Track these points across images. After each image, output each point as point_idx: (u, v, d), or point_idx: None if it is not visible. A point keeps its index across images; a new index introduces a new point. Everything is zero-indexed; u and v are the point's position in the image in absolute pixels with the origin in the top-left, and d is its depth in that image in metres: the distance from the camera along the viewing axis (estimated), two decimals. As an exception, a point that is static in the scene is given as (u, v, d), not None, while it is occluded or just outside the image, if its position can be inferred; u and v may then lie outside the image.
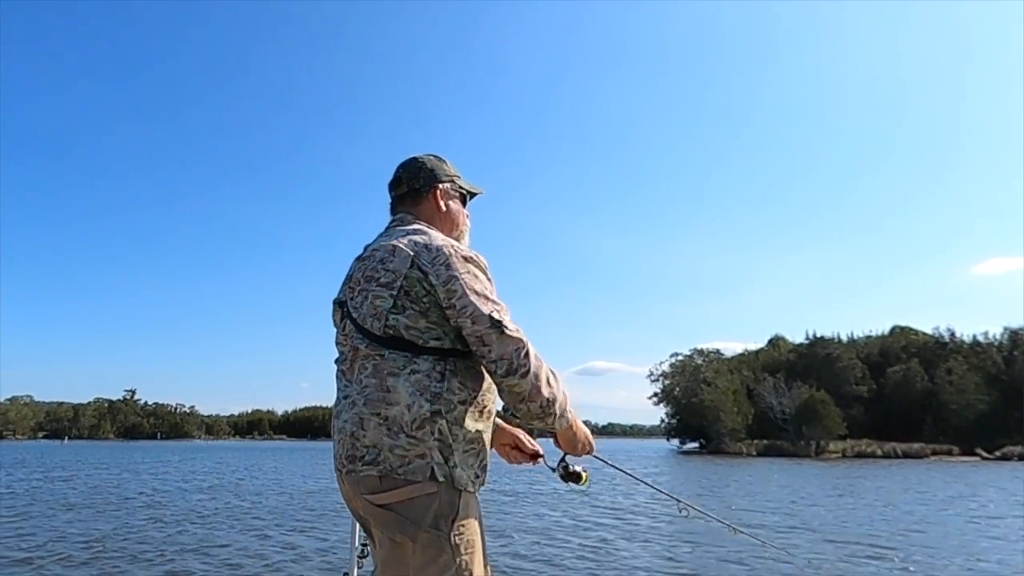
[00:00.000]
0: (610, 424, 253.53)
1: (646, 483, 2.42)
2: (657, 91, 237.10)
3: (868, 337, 74.10)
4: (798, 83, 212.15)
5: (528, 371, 1.67)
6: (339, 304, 1.88)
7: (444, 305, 1.71)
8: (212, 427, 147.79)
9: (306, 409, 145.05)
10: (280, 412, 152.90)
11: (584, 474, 2.05)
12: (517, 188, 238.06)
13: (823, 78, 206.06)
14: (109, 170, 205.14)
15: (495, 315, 1.68)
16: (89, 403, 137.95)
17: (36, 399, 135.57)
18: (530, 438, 2.08)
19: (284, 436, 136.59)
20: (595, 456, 2.00)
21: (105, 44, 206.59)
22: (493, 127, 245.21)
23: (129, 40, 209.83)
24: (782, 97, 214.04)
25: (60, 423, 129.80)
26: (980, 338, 67.42)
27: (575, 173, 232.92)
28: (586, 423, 1.90)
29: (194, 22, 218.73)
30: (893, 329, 73.74)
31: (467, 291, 1.70)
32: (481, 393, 1.78)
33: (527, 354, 1.68)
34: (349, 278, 1.87)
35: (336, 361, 1.85)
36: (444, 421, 1.69)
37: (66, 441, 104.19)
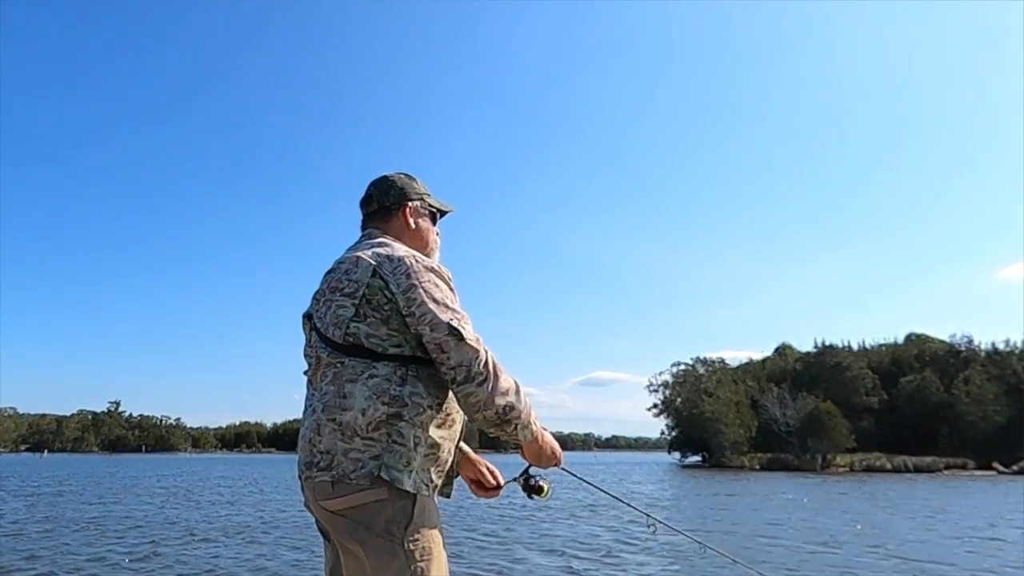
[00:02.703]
0: (614, 437, 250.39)
1: (617, 498, 2.45)
2: (663, 90, 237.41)
3: (881, 345, 73.59)
4: (811, 80, 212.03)
5: (485, 379, 1.75)
6: (307, 317, 2.00)
7: (404, 313, 1.80)
8: (199, 440, 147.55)
9: (296, 421, 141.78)
10: (269, 424, 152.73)
11: (546, 487, 2.09)
12: (518, 191, 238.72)
13: (837, 73, 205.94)
14: (91, 179, 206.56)
15: (453, 323, 1.77)
16: (73, 415, 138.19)
17: (20, 411, 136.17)
18: (494, 472, 2.14)
19: (273, 449, 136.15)
20: (563, 469, 2.06)
21: (86, 50, 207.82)
22: (492, 127, 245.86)
23: (112, 46, 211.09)
24: (794, 95, 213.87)
25: (43, 436, 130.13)
26: (1000, 346, 66.56)
27: (578, 175, 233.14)
28: (588, 435, 1.89)
29: (183, 24, 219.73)
30: (908, 337, 73.26)
31: (426, 299, 1.80)
32: (444, 401, 1.86)
33: (485, 363, 1.76)
34: (317, 291, 1.98)
35: (304, 372, 1.98)
36: (404, 423, 1.77)
37: (45, 455, 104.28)
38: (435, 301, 1.80)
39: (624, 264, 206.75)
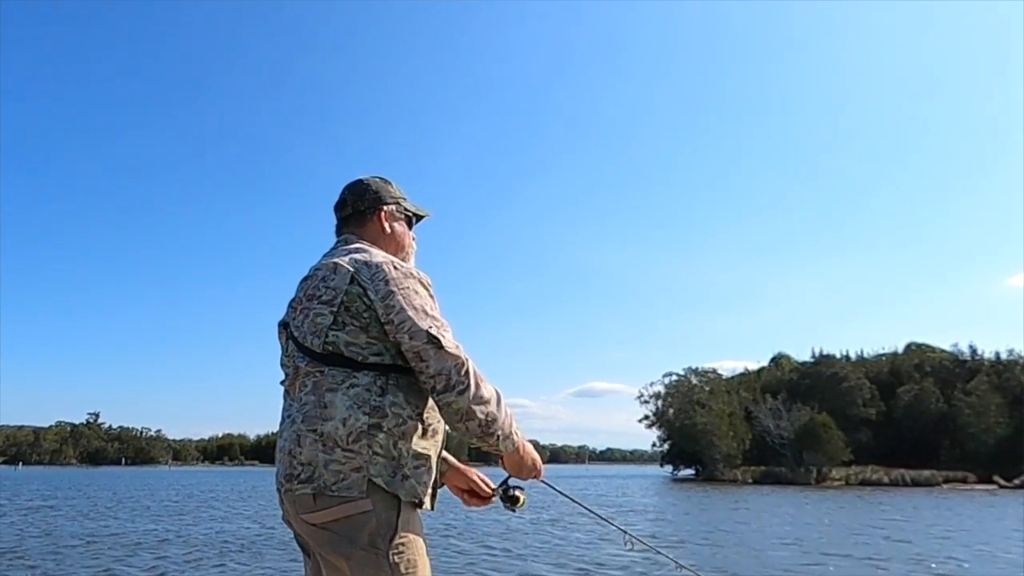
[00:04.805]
0: (609, 449, 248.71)
1: (595, 513, 2.48)
2: (664, 91, 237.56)
3: (880, 355, 73.43)
4: (816, 82, 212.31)
5: (466, 388, 1.75)
6: (283, 325, 2.00)
7: (383, 320, 1.80)
8: (180, 452, 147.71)
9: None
10: (252, 436, 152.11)
11: (522, 498, 2.10)
12: (513, 194, 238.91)
13: (844, 75, 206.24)
14: (71, 186, 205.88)
15: (432, 331, 1.77)
16: (50, 427, 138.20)
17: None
18: (486, 480, 2.14)
19: (256, 461, 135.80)
20: (542, 481, 2.08)
21: (73, 55, 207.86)
22: (489, 130, 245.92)
23: (98, 50, 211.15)
24: (799, 98, 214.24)
25: (20, 448, 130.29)
26: (1004, 355, 66.24)
27: (575, 179, 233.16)
28: (582, 448, 1.77)
29: (171, 28, 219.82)
30: (907, 346, 73.04)
31: (405, 306, 1.80)
32: (425, 410, 1.86)
33: (466, 372, 1.76)
34: (293, 299, 1.98)
35: (281, 382, 1.97)
36: (384, 435, 1.77)
37: (20, 467, 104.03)
38: (414, 308, 1.80)
39: (621, 272, 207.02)
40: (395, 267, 1.88)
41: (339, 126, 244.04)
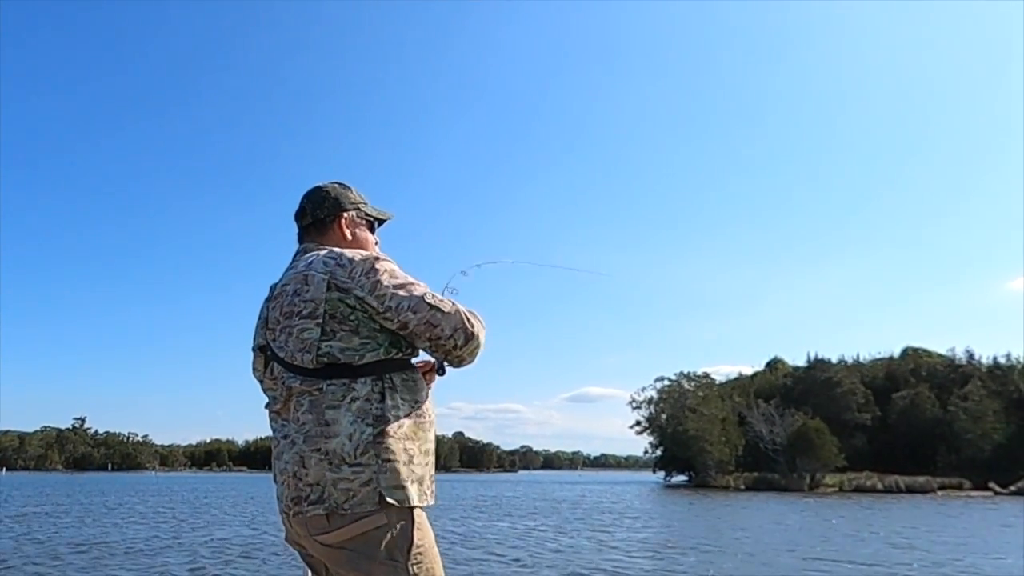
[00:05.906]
0: (603, 455, 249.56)
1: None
2: (660, 92, 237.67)
3: (875, 360, 73.59)
4: (814, 84, 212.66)
5: (476, 330, 1.91)
6: (260, 349, 2.00)
7: (380, 310, 1.84)
8: (167, 458, 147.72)
9: (269, 438, 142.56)
10: (241, 442, 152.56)
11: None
12: (508, 197, 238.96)
13: (842, 78, 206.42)
14: (57, 187, 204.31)
15: (428, 297, 1.87)
16: (36, 432, 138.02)
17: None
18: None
19: (244, 468, 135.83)
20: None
21: (61, 53, 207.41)
22: (483, 131, 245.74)
23: (88, 48, 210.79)
24: (796, 101, 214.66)
25: (5, 453, 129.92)
26: (1001, 360, 66.30)
27: (571, 181, 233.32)
28: (576, 454, 1.74)
29: (164, 26, 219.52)
30: (904, 351, 73.16)
31: (395, 289, 1.85)
32: (422, 403, 1.92)
33: (468, 315, 1.90)
34: (265, 321, 1.98)
35: (267, 406, 1.98)
36: (391, 440, 1.80)
37: (4, 473, 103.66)
38: (402, 287, 1.85)
39: (618, 275, 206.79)
40: (364, 259, 1.89)
41: (332, 127, 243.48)
